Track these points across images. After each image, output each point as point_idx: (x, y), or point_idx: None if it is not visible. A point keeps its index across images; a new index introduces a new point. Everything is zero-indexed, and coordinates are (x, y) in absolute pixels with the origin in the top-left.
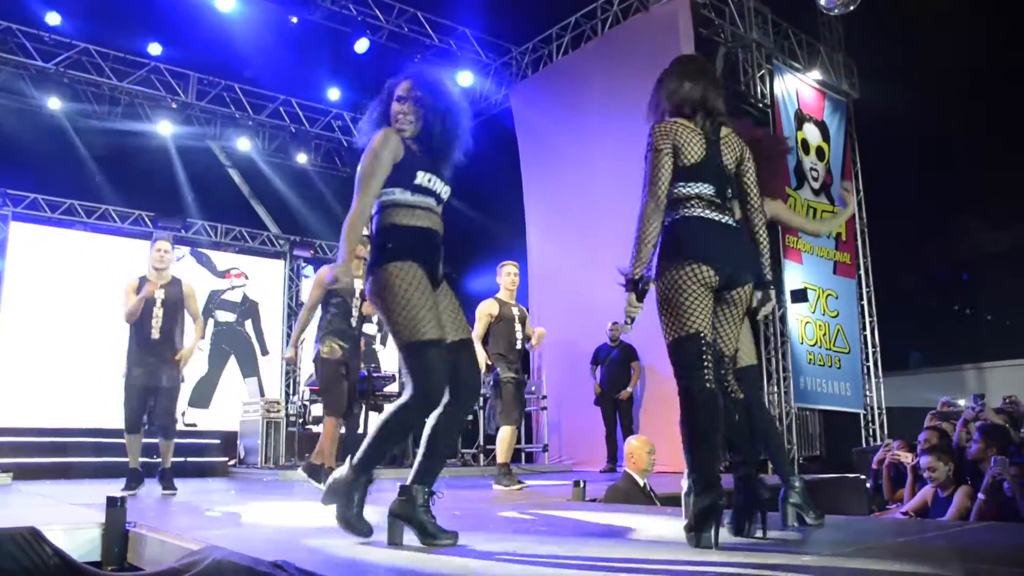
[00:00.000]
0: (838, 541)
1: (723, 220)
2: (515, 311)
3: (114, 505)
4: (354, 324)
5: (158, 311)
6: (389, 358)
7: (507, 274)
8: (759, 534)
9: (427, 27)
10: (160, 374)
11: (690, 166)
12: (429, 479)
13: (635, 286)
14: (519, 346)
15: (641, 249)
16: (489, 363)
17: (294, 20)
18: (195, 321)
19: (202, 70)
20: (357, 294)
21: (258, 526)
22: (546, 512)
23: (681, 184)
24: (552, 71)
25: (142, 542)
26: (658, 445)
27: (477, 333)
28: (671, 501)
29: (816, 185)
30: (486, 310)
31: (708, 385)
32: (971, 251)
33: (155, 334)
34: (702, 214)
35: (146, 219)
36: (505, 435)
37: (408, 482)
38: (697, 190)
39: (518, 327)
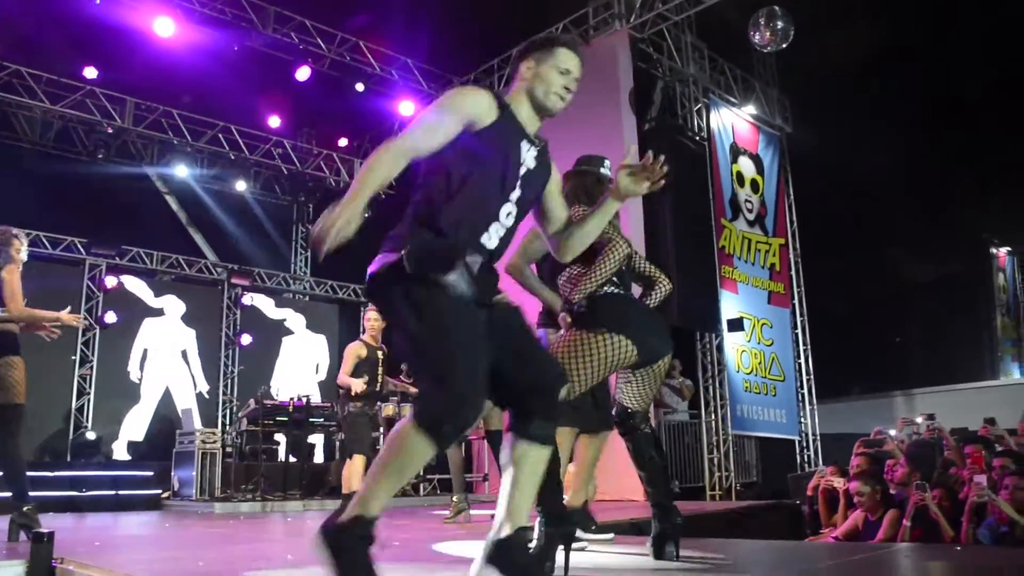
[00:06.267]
0: (774, 565)
1: (632, 296)
2: (379, 354)
3: (40, 541)
4: None
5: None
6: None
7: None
8: (675, 557)
9: (369, 56)
10: None
11: None
12: None
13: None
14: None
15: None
16: None
17: (235, 48)
18: None
19: (139, 95)
20: None
21: (191, 559)
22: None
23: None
24: None
25: None
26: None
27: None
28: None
29: (751, 216)
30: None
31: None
32: (900, 281)
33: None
34: (615, 291)
35: (78, 245)
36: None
37: None
38: None
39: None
